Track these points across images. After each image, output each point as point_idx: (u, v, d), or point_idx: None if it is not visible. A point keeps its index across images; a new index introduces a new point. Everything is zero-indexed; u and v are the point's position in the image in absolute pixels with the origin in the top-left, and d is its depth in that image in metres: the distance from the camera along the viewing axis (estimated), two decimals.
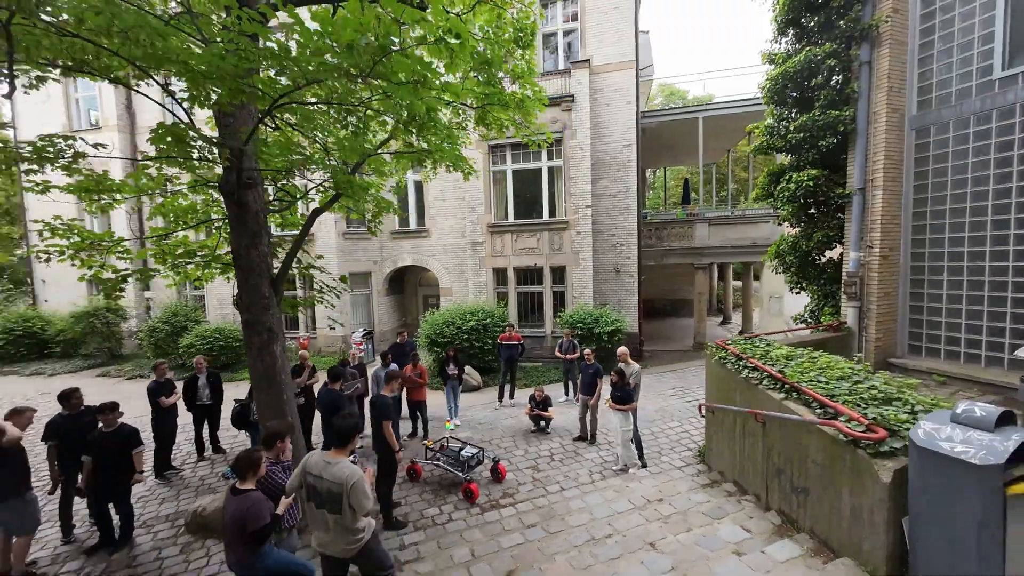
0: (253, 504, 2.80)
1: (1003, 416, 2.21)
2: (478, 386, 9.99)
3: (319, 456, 2.74)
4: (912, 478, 2.45)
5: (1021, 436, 2.09)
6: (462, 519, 4.72)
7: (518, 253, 12.10)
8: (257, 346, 4.53)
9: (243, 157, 4.32)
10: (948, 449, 2.21)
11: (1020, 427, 2.26)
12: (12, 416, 4.11)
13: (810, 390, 3.32)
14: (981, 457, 2.07)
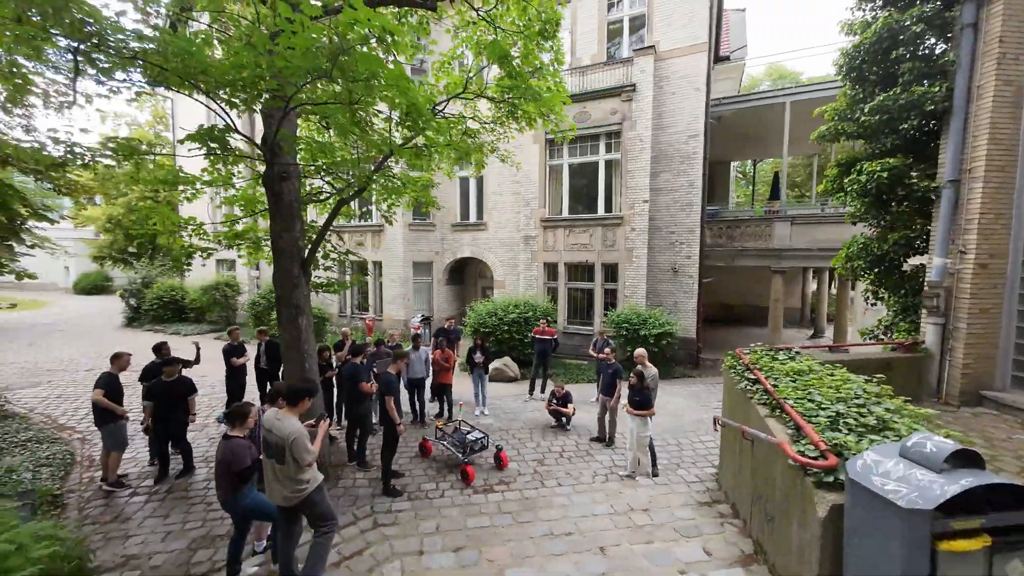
0: (237, 448, 3.31)
1: (960, 455, 1.75)
2: (515, 377, 10.15)
3: (272, 413, 3.15)
4: (846, 515, 2.04)
5: (971, 482, 1.64)
6: (450, 498, 4.94)
7: (570, 248, 11.94)
8: (286, 319, 5.20)
9: (276, 154, 4.99)
10: (879, 485, 1.82)
11: (979, 471, 1.77)
12: (114, 360, 5.28)
13: (790, 407, 2.89)
14: (909, 499, 1.67)
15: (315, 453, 3.04)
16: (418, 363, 7.48)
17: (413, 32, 7.03)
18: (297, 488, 3.01)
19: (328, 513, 3.22)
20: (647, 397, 5.46)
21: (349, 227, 14.78)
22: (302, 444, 2.93)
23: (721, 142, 14.37)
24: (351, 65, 3.29)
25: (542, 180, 12.19)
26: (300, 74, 3.14)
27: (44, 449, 6.10)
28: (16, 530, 2.62)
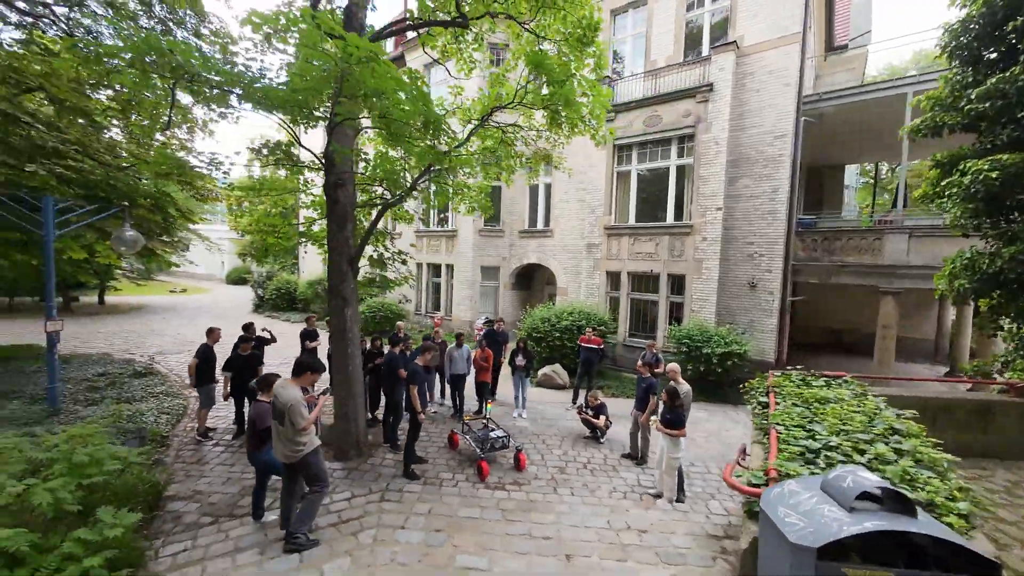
0: (262, 411, 3.92)
1: (888, 496, 1.39)
2: (563, 385, 10.03)
3: (280, 382, 3.66)
4: (759, 546, 1.73)
5: (875, 525, 1.32)
6: (459, 489, 5.14)
7: (634, 257, 11.48)
8: (334, 308, 5.92)
9: (332, 164, 5.74)
10: (780, 516, 1.54)
11: (902, 517, 1.39)
12: (208, 334, 6.49)
13: (775, 433, 2.53)
14: (799, 535, 1.40)
15: (309, 420, 3.48)
16: (460, 360, 7.85)
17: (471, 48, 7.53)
18: (294, 448, 3.48)
19: (321, 475, 3.64)
20: (679, 416, 5.08)
21: (427, 232, 15.99)
22: (297, 410, 3.39)
23: (824, 143, 12.65)
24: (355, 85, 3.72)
25: (608, 187, 11.94)
26: (315, 95, 3.67)
27: (169, 401, 7.68)
28: (100, 448, 3.46)
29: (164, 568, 3.21)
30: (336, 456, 5.88)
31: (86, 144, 7.56)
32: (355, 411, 5.95)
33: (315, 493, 3.59)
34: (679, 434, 4.96)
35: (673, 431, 4.95)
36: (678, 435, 4.97)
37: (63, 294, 17.28)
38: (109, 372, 8.70)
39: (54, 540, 2.72)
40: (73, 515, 2.89)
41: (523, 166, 8.60)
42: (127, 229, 7.46)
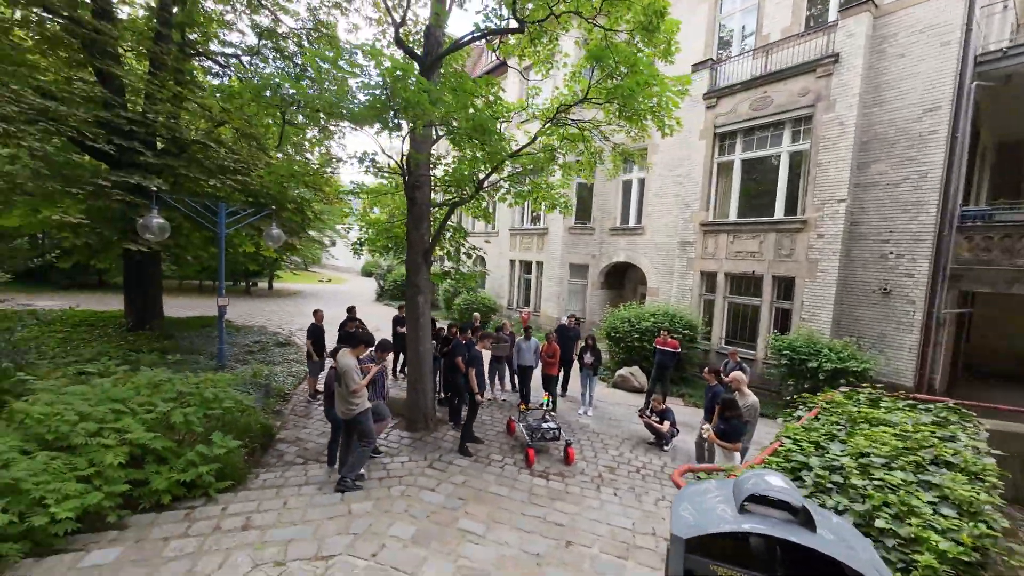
0: (331, 375, 4.73)
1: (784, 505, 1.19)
2: (640, 388, 9.61)
3: (342, 351, 4.35)
4: None
5: (751, 527, 1.16)
6: (501, 470, 5.44)
7: (733, 257, 10.40)
8: (409, 296, 6.70)
9: (412, 168, 6.48)
10: (677, 510, 1.43)
11: (787, 525, 1.15)
12: (315, 314, 7.87)
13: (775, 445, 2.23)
14: (679, 526, 1.29)
15: (359, 384, 4.11)
16: (527, 352, 8.14)
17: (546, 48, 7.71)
18: (348, 407, 4.15)
19: (368, 433, 4.26)
20: (735, 428, 4.64)
21: (521, 229, 16.58)
22: (350, 375, 4.04)
23: (1013, 113, 9.79)
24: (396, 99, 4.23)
25: (706, 179, 10.99)
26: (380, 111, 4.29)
27: (297, 367, 9.47)
28: (223, 390, 4.61)
29: (255, 486, 4.16)
30: (407, 426, 6.67)
31: (249, 161, 9.73)
32: (424, 388, 6.66)
33: (362, 447, 4.23)
34: (732, 448, 4.53)
35: (726, 444, 4.54)
36: (731, 449, 4.54)
37: (244, 280, 22.18)
38: (261, 340, 11.05)
39: (184, 450, 3.77)
40: (198, 435, 3.96)
41: (601, 162, 8.49)
42: (274, 227, 9.39)
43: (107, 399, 3.60)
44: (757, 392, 9.02)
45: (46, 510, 2.63)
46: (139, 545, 2.80)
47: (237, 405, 4.67)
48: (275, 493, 3.94)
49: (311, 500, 3.74)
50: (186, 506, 3.57)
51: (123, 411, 3.52)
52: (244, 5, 11.81)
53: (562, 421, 7.53)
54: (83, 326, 10.79)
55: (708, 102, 10.88)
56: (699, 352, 10.52)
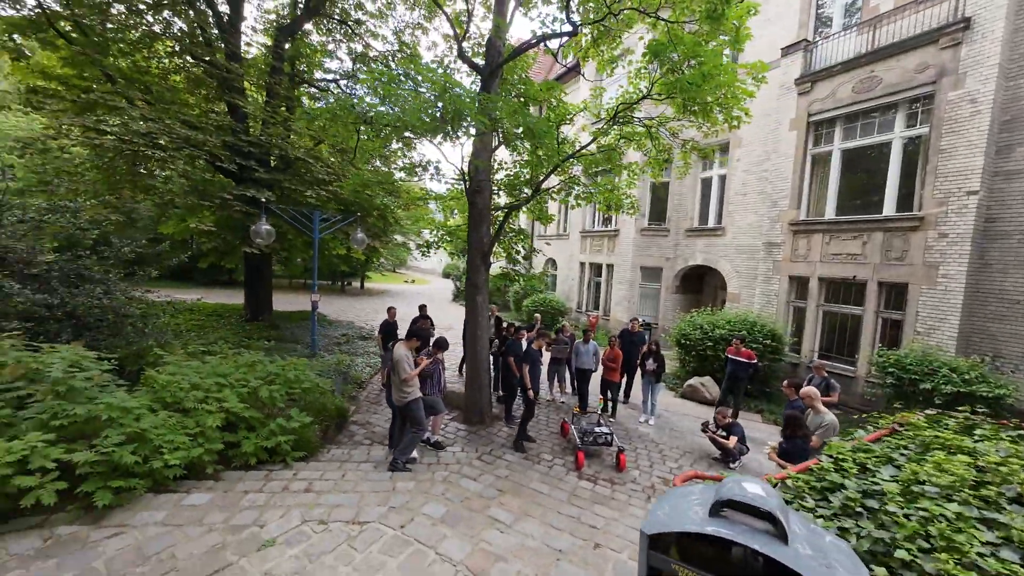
0: None
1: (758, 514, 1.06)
2: (711, 400, 8.94)
3: (398, 343, 4.73)
4: None
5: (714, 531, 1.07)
6: (549, 469, 5.47)
7: (829, 260, 9.23)
8: (468, 295, 7.04)
9: (471, 172, 6.82)
10: (654, 507, 1.35)
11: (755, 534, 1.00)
12: (388, 311, 8.58)
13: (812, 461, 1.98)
14: (648, 522, 1.23)
15: (410, 374, 4.44)
16: (586, 355, 8.04)
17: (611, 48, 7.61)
18: (401, 394, 4.52)
19: (418, 420, 4.58)
20: (799, 449, 4.19)
21: (591, 232, 16.34)
22: (401, 365, 4.40)
23: None
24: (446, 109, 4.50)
25: (797, 174, 9.91)
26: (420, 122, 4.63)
27: (375, 359, 10.40)
28: (302, 373, 5.29)
29: (323, 459, 4.73)
30: (464, 419, 7.00)
31: (340, 173, 10.95)
32: (480, 383, 6.94)
33: (413, 433, 4.57)
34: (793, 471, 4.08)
35: (786, 465, 4.10)
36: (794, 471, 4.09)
37: (340, 280, 24.75)
38: (347, 334, 12.30)
39: (268, 421, 4.43)
40: (280, 409, 4.61)
41: (670, 160, 8.14)
42: (359, 232, 10.45)
43: (213, 374, 4.39)
44: (854, 415, 7.94)
45: (162, 457, 3.31)
46: (225, 494, 3.38)
47: (314, 387, 5.32)
48: (338, 466, 4.44)
49: (365, 475, 4.15)
50: (267, 468, 4.20)
51: (224, 384, 4.27)
52: (342, 35, 13.35)
53: (620, 428, 7.33)
54: (213, 316, 12.98)
55: (801, 88, 9.82)
56: (785, 365, 9.49)
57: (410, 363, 4.58)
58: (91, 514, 2.92)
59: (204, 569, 2.45)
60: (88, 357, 3.89)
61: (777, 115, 10.38)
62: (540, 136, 5.10)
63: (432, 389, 5.64)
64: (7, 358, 3.39)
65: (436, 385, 5.72)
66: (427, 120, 4.90)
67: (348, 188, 7.11)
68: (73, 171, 9.06)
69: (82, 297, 5.13)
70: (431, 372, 5.59)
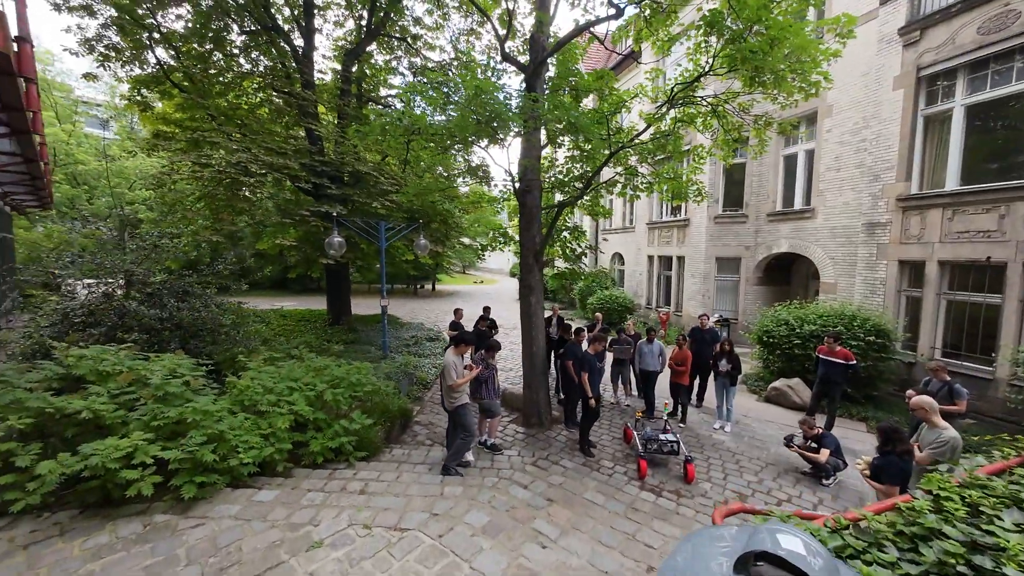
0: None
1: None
2: (802, 405, 7.92)
3: (449, 349, 4.78)
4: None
5: None
6: (609, 478, 5.20)
7: (952, 239, 7.72)
8: (522, 295, 6.96)
9: (521, 172, 6.72)
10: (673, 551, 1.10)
11: None
12: (455, 313, 8.80)
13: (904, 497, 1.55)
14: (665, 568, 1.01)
15: (457, 382, 4.46)
16: (650, 356, 7.57)
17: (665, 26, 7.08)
18: (451, 400, 4.56)
19: (468, 426, 4.59)
20: (895, 468, 3.52)
21: (659, 223, 15.41)
22: (448, 371, 4.44)
23: None
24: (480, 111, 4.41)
25: (906, 141, 8.42)
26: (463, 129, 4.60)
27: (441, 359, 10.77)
28: (368, 377, 5.60)
29: (384, 459, 4.95)
30: (523, 421, 6.95)
31: (402, 183, 11.51)
32: (537, 385, 6.83)
33: (462, 439, 4.60)
34: (884, 490, 3.43)
35: (877, 484, 3.46)
36: (883, 492, 3.44)
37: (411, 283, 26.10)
38: (416, 336, 12.89)
39: (334, 422, 4.74)
40: (345, 411, 4.92)
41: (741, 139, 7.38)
42: (421, 238, 10.90)
43: (286, 378, 4.81)
44: (995, 425, 6.54)
45: (238, 455, 3.69)
46: (291, 492, 3.67)
47: (376, 390, 5.60)
48: (395, 467, 4.62)
49: (418, 478, 4.26)
50: (332, 467, 4.49)
51: (295, 388, 4.66)
52: (403, 51, 14.02)
53: (691, 435, 6.80)
54: (302, 321, 14.39)
55: (907, 38, 8.33)
56: (898, 365, 8.12)
57: (458, 370, 4.62)
58: (180, 505, 3.33)
59: (261, 565, 2.66)
60: (185, 364, 4.47)
61: (877, 74, 8.92)
62: (585, 130, 4.85)
63: (488, 393, 5.66)
64: (122, 366, 4.00)
65: (492, 389, 5.71)
66: (471, 124, 4.91)
67: (407, 196, 7.36)
68: (184, 201, 10.55)
69: (186, 311, 5.94)
70: (486, 377, 5.61)
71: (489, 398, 5.68)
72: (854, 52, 9.66)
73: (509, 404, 7.69)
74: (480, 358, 5.54)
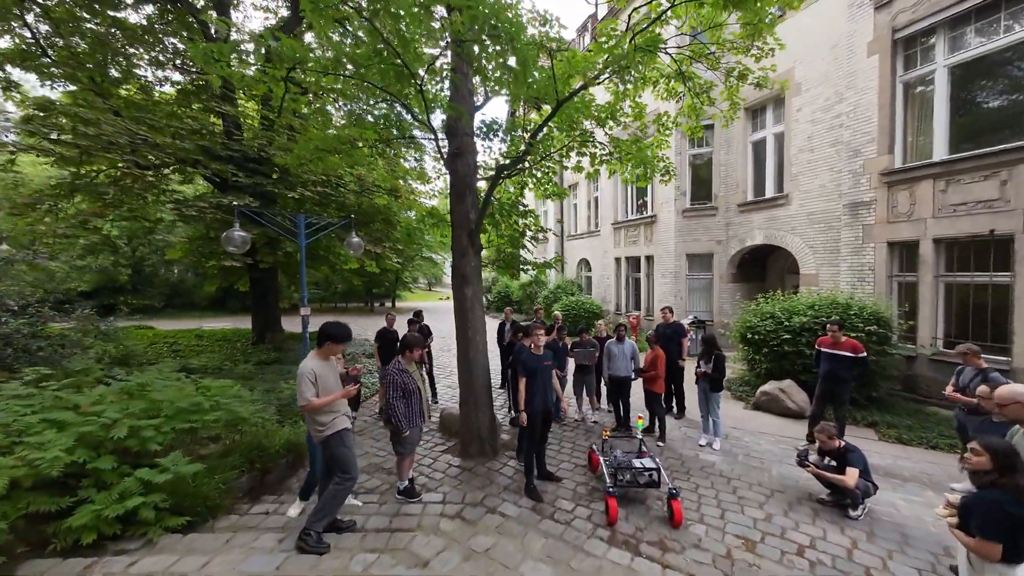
0: None
1: None
2: (798, 411, 6.68)
3: (311, 352, 3.20)
4: None
5: None
6: (565, 528, 3.68)
7: (948, 213, 6.83)
8: (455, 286, 5.45)
9: (454, 134, 5.32)
10: None
11: None
12: (386, 317, 7.17)
13: None
14: None
15: (312, 402, 2.84)
16: (621, 358, 6.17)
17: None
18: (315, 427, 2.97)
19: (343, 464, 2.99)
20: (999, 511, 2.15)
21: (624, 222, 14.37)
22: (299, 382, 2.84)
23: None
24: None
25: (887, 110, 7.61)
26: None
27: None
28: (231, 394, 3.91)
29: (223, 526, 3.24)
30: (461, 450, 5.35)
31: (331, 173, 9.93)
32: (476, 403, 5.27)
33: (336, 484, 2.99)
34: (977, 548, 2.07)
35: (971, 541, 2.10)
36: (974, 548, 2.09)
37: (367, 300, 24.11)
38: (353, 352, 11.07)
39: (128, 474, 3.01)
40: (155, 452, 3.22)
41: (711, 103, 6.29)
42: (353, 236, 9.27)
43: (53, 407, 3.09)
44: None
45: None
46: None
47: (239, 419, 3.90)
48: (227, 540, 2.93)
49: (245, 560, 2.61)
50: (116, 546, 2.76)
51: (62, 422, 2.94)
52: None
53: (673, 456, 5.39)
54: (222, 340, 12.30)
55: (878, 0, 7.61)
56: (897, 359, 7.05)
57: (324, 381, 3.01)
58: None
59: None
60: None
61: (848, 42, 8.17)
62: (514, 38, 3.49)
63: (405, 415, 3.89)
64: None
65: (414, 410, 3.94)
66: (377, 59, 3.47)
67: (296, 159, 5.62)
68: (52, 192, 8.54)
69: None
70: (413, 389, 3.95)
71: (407, 423, 3.96)
72: (821, 25, 9.00)
73: (447, 429, 6.09)
74: (352, 378, 3.84)
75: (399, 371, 3.87)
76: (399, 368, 3.88)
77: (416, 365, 4.13)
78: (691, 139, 11.92)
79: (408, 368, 4.00)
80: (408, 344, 4.04)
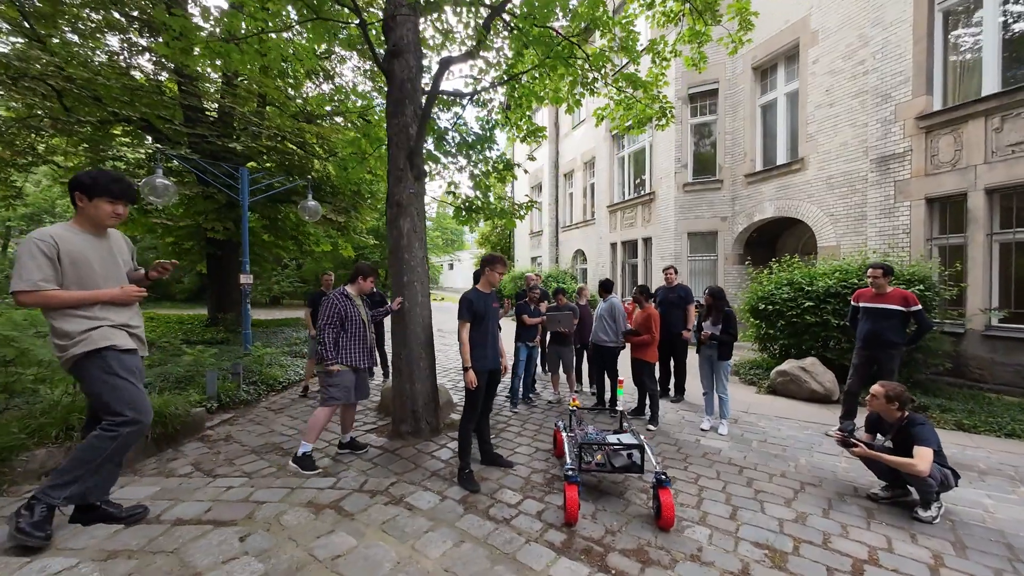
0: None
1: None
2: (823, 394, 5.41)
3: None
4: None
5: None
6: (489, 532, 2.46)
7: (1004, 155, 5.63)
8: (390, 218, 4.28)
9: (392, 28, 4.19)
10: None
11: None
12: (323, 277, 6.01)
13: None
14: None
15: (37, 286, 1.63)
16: (606, 321, 4.98)
17: None
18: (55, 339, 1.74)
19: (106, 402, 1.76)
20: None
21: (621, 203, 13.21)
22: (18, 257, 1.64)
23: None
24: None
25: (922, 44, 6.47)
26: None
27: None
28: None
29: None
30: (392, 431, 4.14)
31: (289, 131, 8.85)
32: (411, 368, 4.06)
33: (96, 435, 1.76)
34: None
35: None
36: None
37: None
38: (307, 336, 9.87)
39: None
40: None
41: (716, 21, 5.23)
42: (309, 200, 8.16)
43: None
44: None
45: None
46: None
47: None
48: None
49: None
50: None
51: None
52: None
53: (667, 441, 4.18)
54: (175, 323, 11.18)
55: None
56: (940, 339, 5.76)
57: (80, 263, 1.78)
58: None
59: None
60: None
61: None
62: None
63: (352, 344, 3.44)
64: None
65: (357, 345, 3.46)
66: None
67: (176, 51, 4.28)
68: None
69: None
70: (353, 317, 3.45)
71: (336, 353, 3.35)
72: None
73: (387, 408, 4.87)
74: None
75: (340, 294, 3.47)
76: (341, 292, 3.51)
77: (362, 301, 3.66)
78: (693, 106, 10.83)
79: (353, 297, 3.54)
80: (360, 271, 3.62)
